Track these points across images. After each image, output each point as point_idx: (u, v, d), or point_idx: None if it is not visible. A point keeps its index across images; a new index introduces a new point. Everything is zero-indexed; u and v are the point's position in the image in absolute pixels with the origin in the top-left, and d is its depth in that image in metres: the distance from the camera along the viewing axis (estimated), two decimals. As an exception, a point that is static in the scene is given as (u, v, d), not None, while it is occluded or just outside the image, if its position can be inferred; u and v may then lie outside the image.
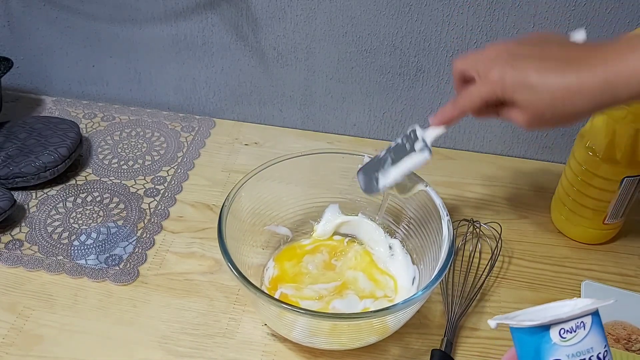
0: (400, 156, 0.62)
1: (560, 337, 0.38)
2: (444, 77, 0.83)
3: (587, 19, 0.75)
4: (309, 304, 0.62)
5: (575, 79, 0.48)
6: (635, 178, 0.67)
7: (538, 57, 0.50)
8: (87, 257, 0.70)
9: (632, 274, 0.71)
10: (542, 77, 0.49)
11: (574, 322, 0.38)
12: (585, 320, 0.39)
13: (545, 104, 0.49)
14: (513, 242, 0.75)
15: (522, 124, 0.52)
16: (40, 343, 0.62)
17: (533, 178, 0.84)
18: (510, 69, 0.51)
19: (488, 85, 0.52)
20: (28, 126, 0.82)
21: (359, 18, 0.79)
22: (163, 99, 0.93)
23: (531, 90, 0.50)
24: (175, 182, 0.81)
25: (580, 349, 0.38)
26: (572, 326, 0.38)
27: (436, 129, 0.59)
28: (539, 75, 0.49)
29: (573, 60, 0.49)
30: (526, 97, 0.50)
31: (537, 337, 0.39)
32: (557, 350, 0.38)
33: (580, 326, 0.38)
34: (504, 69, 0.51)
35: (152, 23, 0.84)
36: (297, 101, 0.89)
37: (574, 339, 0.38)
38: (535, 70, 0.50)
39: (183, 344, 0.62)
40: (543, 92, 0.49)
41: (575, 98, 0.48)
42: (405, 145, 0.62)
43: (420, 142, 0.60)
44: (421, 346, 0.63)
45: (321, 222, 0.72)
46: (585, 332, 0.39)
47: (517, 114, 0.52)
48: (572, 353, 0.38)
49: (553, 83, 0.49)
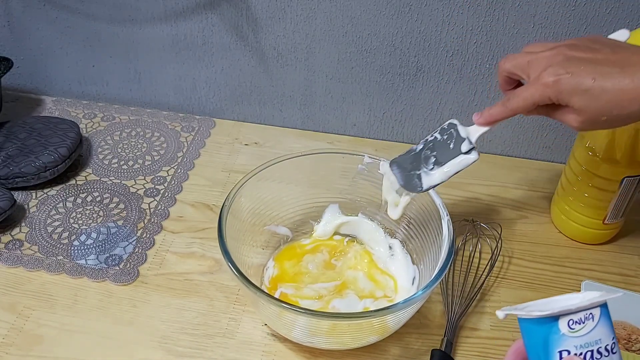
0: (445, 156, 0.60)
1: (569, 328, 0.39)
2: (444, 77, 0.83)
3: (587, 19, 0.75)
4: (309, 303, 0.62)
5: (631, 83, 0.48)
6: (635, 178, 0.67)
7: (592, 61, 0.51)
8: (87, 257, 0.70)
9: (632, 274, 0.71)
10: (598, 81, 0.49)
11: (583, 313, 0.39)
12: (594, 312, 0.39)
13: (601, 108, 0.50)
14: (513, 242, 0.75)
15: (577, 127, 0.52)
16: (40, 343, 0.62)
17: (533, 178, 0.84)
18: (565, 73, 0.51)
19: (541, 88, 0.52)
20: (28, 126, 0.82)
21: (359, 18, 0.79)
22: (163, 99, 0.93)
23: (587, 95, 0.50)
24: (175, 182, 0.81)
25: (589, 340, 0.39)
26: (581, 317, 0.39)
27: (481, 128, 0.59)
28: (594, 79, 0.49)
29: (626, 63, 0.49)
30: (582, 101, 0.50)
31: (545, 328, 0.39)
32: (566, 341, 0.39)
33: (589, 317, 0.39)
34: (558, 72, 0.51)
35: (152, 23, 0.84)
36: (297, 101, 0.89)
37: (583, 330, 0.39)
38: (590, 75, 0.50)
39: (183, 344, 0.62)
40: (599, 97, 0.49)
41: (630, 102, 0.49)
42: (449, 144, 0.60)
43: (467, 143, 0.59)
44: (421, 346, 0.63)
45: (321, 222, 0.72)
46: (593, 324, 0.39)
47: (571, 117, 0.52)
48: (580, 344, 0.39)
49: (609, 87, 0.49)
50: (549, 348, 0.39)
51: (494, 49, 0.79)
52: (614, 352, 0.39)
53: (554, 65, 0.52)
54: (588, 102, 0.50)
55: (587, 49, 0.52)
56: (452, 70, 0.82)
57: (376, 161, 0.68)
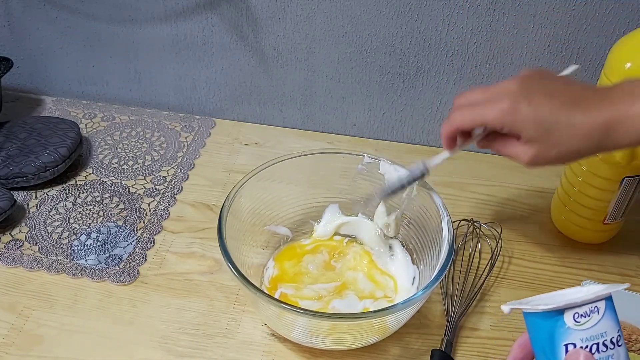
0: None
1: (575, 322, 0.39)
2: (444, 77, 0.83)
3: (587, 19, 0.75)
4: (309, 304, 0.62)
5: (583, 117, 0.49)
6: (635, 178, 0.67)
7: (549, 94, 0.51)
8: (87, 257, 0.70)
9: (632, 274, 0.71)
10: (554, 114, 0.50)
11: (588, 306, 0.39)
12: (599, 305, 0.39)
13: (553, 141, 0.50)
14: (513, 242, 0.75)
15: (525, 160, 0.52)
16: (40, 343, 0.62)
17: (533, 178, 0.84)
18: (525, 102, 0.51)
19: (496, 111, 0.52)
20: (28, 126, 0.82)
21: (359, 18, 0.79)
22: (163, 99, 0.93)
23: (541, 126, 0.50)
24: (175, 182, 0.81)
25: (594, 333, 0.39)
26: (587, 310, 0.39)
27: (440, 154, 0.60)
28: (550, 112, 0.50)
29: (580, 99, 0.50)
30: (536, 132, 0.50)
31: (551, 322, 0.39)
32: (571, 335, 0.39)
33: (594, 310, 0.39)
34: (517, 99, 0.51)
35: (152, 23, 0.84)
36: (297, 101, 0.89)
37: (588, 323, 0.39)
38: (547, 107, 0.50)
39: (183, 344, 0.62)
40: (553, 129, 0.50)
41: (581, 137, 0.49)
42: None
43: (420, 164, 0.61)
44: (421, 346, 0.63)
45: (321, 222, 0.72)
46: (599, 317, 0.39)
47: (521, 150, 0.52)
48: (585, 337, 0.39)
49: (562, 120, 0.49)
50: (554, 341, 0.39)
51: (494, 49, 0.79)
52: (619, 344, 0.39)
53: (511, 94, 0.51)
54: (541, 133, 0.50)
55: (542, 80, 0.52)
56: (452, 70, 0.82)
57: (376, 161, 0.68)
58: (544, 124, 0.50)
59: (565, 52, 0.78)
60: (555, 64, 0.79)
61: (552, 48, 0.78)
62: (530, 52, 0.79)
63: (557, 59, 0.79)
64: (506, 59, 0.80)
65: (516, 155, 0.53)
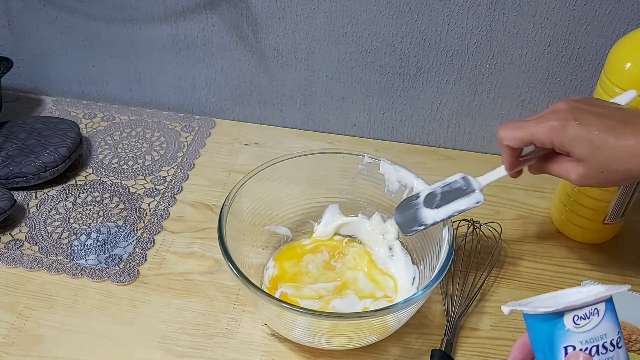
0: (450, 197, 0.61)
1: (574, 324, 0.39)
2: (444, 77, 0.83)
3: (587, 19, 0.75)
4: (309, 303, 0.62)
5: (634, 142, 0.49)
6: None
7: (600, 114, 0.51)
8: (87, 257, 0.70)
9: (632, 274, 0.71)
10: (604, 134, 0.50)
11: (588, 308, 0.39)
12: (599, 307, 0.39)
13: (602, 161, 0.50)
14: (513, 242, 0.75)
15: (574, 178, 0.53)
16: (40, 343, 0.62)
17: (533, 178, 0.84)
18: (574, 121, 0.51)
19: (547, 130, 0.52)
20: (28, 126, 0.82)
21: (359, 18, 0.79)
22: (163, 99, 0.93)
23: (590, 145, 0.50)
24: (175, 182, 0.81)
25: (594, 335, 0.39)
26: (586, 312, 0.39)
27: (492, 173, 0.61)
28: (600, 132, 0.50)
29: (630, 122, 0.50)
30: (585, 151, 0.51)
31: (550, 324, 0.39)
32: (571, 337, 0.39)
33: (594, 313, 0.39)
34: (567, 117, 0.51)
35: (152, 23, 0.84)
36: (297, 101, 0.89)
37: (588, 325, 0.39)
38: (595, 125, 0.50)
39: (183, 344, 0.62)
40: (602, 150, 0.50)
41: (631, 160, 0.49)
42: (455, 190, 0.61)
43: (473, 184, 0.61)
44: (421, 346, 0.63)
45: (321, 222, 0.72)
46: (599, 319, 0.39)
47: (570, 168, 0.53)
48: (585, 339, 0.39)
49: (612, 141, 0.50)
50: (554, 344, 0.39)
51: (494, 49, 0.79)
52: (619, 346, 0.39)
53: (560, 112, 0.52)
54: (591, 152, 0.51)
55: (592, 104, 0.53)
56: (452, 70, 0.82)
57: (376, 161, 0.68)
58: (593, 143, 0.50)
59: (565, 52, 0.78)
60: (555, 64, 0.79)
61: (552, 48, 0.78)
62: (530, 52, 0.79)
63: (557, 59, 0.79)
64: (506, 59, 0.80)
65: (565, 173, 0.54)
